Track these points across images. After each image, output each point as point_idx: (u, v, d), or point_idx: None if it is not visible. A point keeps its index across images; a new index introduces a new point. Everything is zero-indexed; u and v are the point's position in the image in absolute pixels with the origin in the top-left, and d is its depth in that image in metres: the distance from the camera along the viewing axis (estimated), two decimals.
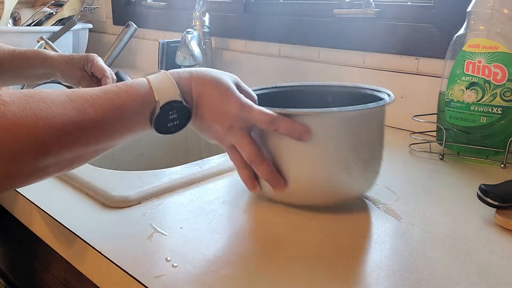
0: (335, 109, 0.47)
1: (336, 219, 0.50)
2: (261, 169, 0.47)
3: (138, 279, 0.39)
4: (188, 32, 1.03)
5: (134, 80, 0.44)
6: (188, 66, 1.03)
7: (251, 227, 0.48)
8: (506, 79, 0.64)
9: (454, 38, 0.70)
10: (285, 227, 0.48)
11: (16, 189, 0.56)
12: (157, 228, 0.47)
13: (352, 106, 0.47)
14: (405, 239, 0.46)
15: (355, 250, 0.44)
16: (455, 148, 0.70)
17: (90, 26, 1.40)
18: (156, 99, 0.43)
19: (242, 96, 0.47)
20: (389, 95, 0.53)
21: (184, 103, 0.45)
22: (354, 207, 0.52)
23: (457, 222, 0.50)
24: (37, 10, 1.36)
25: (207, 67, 1.14)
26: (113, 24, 1.54)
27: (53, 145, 0.37)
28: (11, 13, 1.29)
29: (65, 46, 1.25)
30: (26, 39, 1.19)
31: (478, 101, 0.67)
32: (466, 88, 0.67)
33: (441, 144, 0.70)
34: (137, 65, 1.46)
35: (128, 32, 1.19)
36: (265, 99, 0.59)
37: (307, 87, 0.61)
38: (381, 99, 0.53)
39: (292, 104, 0.61)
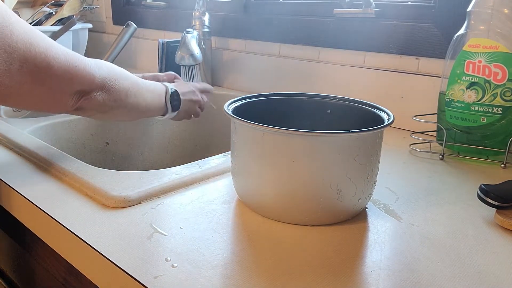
0: (327, 132, 0.45)
1: None
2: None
3: (138, 279, 0.39)
4: (188, 32, 1.03)
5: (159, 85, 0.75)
6: (188, 66, 1.03)
7: (251, 227, 0.48)
8: (506, 79, 0.64)
9: (454, 38, 0.70)
10: (285, 227, 0.48)
11: (16, 189, 0.56)
12: (157, 228, 0.47)
13: (347, 131, 0.45)
14: (405, 239, 0.46)
15: (355, 250, 0.44)
16: (455, 148, 0.70)
17: (90, 26, 1.40)
18: (167, 86, 0.77)
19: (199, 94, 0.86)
20: (388, 116, 0.51)
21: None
22: None
23: (457, 222, 0.50)
24: (36, 10, 1.36)
25: (207, 67, 1.14)
26: (113, 24, 1.54)
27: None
28: None
29: (65, 46, 1.25)
30: None
31: (478, 101, 0.67)
32: (467, 88, 0.67)
33: (441, 144, 0.70)
34: (137, 65, 1.45)
35: (128, 32, 1.19)
36: (263, 106, 0.59)
37: (306, 97, 0.61)
38: (381, 119, 0.52)
39: (290, 112, 0.60)
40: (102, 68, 0.61)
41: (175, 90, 0.78)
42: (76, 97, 0.58)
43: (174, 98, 0.77)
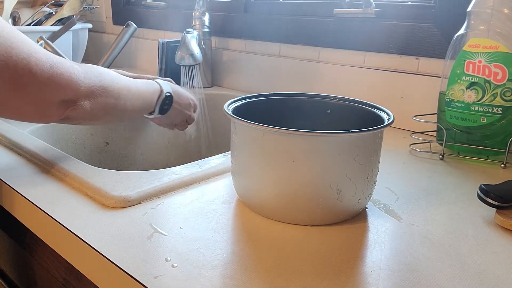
0: (327, 132, 0.45)
1: None
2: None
3: (138, 279, 0.39)
4: (188, 32, 1.03)
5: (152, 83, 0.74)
6: (188, 66, 1.03)
7: (251, 227, 0.48)
8: (506, 79, 0.64)
9: (454, 38, 0.70)
10: (285, 227, 0.48)
11: (16, 190, 0.56)
12: (157, 228, 0.47)
13: (347, 131, 0.45)
14: (405, 239, 0.46)
15: (355, 250, 0.44)
16: (455, 148, 0.70)
17: (90, 26, 1.40)
18: (163, 90, 0.75)
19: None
20: (388, 116, 0.51)
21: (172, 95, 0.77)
22: None
23: (457, 222, 0.50)
24: (36, 10, 1.36)
25: (207, 67, 1.15)
26: (113, 24, 1.54)
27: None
28: (11, 13, 1.29)
29: (64, 46, 1.25)
30: None
31: (478, 101, 0.67)
32: (467, 88, 0.67)
33: (441, 144, 0.70)
34: (137, 65, 1.45)
35: (128, 32, 1.19)
36: (263, 106, 0.59)
37: (306, 97, 0.61)
38: (381, 119, 0.52)
39: (290, 112, 0.60)
40: (90, 74, 0.58)
41: (171, 94, 0.75)
42: (62, 107, 0.55)
43: (165, 103, 0.75)
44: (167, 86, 0.76)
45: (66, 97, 0.55)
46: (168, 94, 0.74)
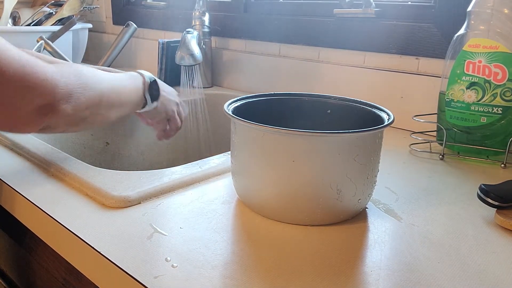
0: (327, 132, 0.45)
1: None
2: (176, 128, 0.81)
3: (138, 279, 0.39)
4: (188, 32, 1.03)
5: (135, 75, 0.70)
6: (188, 66, 1.03)
7: (251, 227, 0.48)
8: (506, 79, 0.64)
9: (454, 38, 0.70)
10: (285, 227, 0.48)
11: (16, 190, 0.56)
12: (157, 228, 0.47)
13: (347, 131, 0.45)
14: (405, 239, 0.46)
15: (355, 250, 0.44)
16: (455, 148, 0.70)
17: (90, 25, 1.40)
18: (146, 80, 0.70)
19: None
20: (388, 116, 0.51)
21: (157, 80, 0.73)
22: None
23: (457, 222, 0.50)
24: (36, 10, 1.36)
25: (207, 67, 1.15)
26: (113, 23, 1.54)
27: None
28: (11, 13, 1.29)
29: (64, 46, 1.25)
30: (26, 39, 1.19)
31: (478, 101, 0.67)
32: (467, 88, 0.67)
33: (441, 144, 0.70)
34: (137, 65, 1.45)
35: (128, 32, 1.19)
36: (263, 106, 0.59)
37: (306, 97, 0.61)
38: (381, 119, 0.52)
39: (290, 112, 0.60)
40: (67, 73, 0.51)
41: (154, 79, 0.71)
42: (41, 114, 0.48)
43: (154, 88, 0.70)
44: (148, 73, 0.72)
45: (43, 101, 0.48)
46: (152, 78, 0.70)
